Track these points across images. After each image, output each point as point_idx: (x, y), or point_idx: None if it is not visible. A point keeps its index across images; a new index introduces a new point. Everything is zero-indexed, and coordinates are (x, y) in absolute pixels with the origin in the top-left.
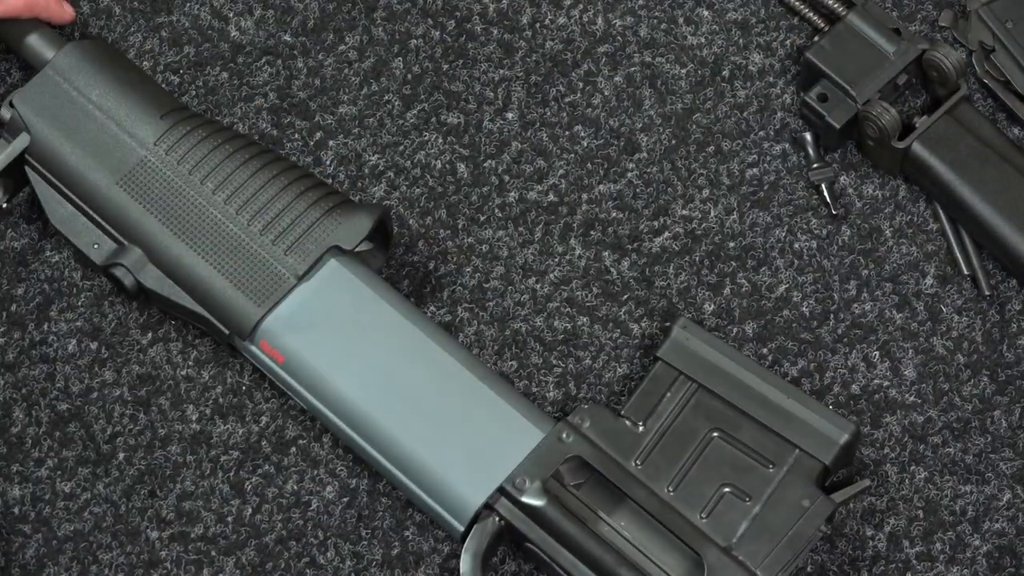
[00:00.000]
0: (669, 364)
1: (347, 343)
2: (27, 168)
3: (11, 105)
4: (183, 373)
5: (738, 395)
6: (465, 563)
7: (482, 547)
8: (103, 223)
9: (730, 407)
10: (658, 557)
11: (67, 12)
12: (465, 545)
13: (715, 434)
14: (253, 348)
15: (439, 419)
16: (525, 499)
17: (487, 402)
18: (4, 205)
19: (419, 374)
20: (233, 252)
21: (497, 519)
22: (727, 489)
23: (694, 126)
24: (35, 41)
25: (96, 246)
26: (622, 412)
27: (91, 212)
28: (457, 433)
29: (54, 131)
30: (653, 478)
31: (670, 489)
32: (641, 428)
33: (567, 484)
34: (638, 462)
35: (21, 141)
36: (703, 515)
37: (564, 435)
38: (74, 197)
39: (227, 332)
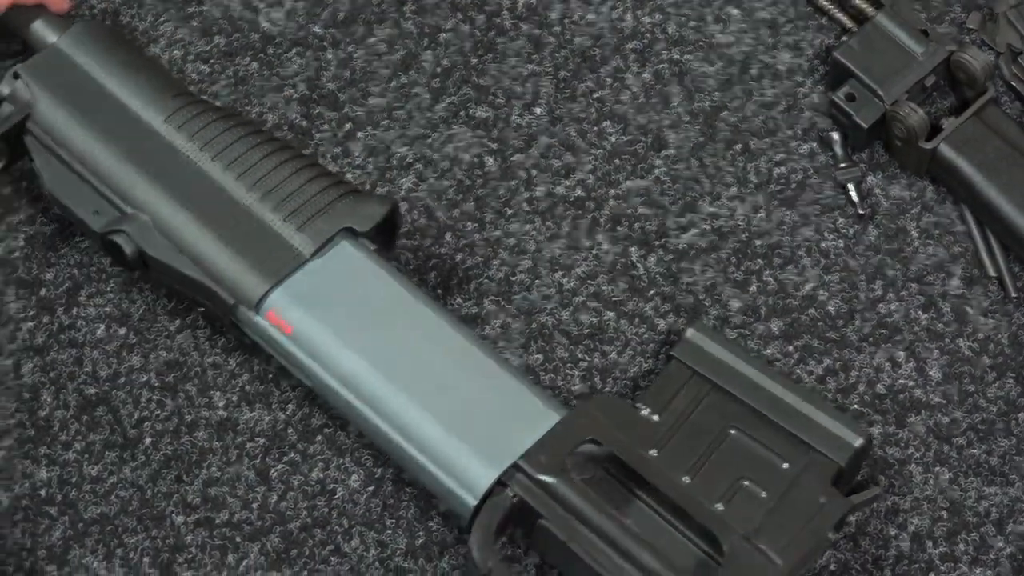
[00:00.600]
0: (683, 363)
1: (359, 318)
2: (27, 138)
3: (15, 76)
4: (210, 360)
5: (753, 396)
6: (476, 537)
7: (495, 522)
8: (106, 192)
9: (745, 407)
10: (669, 553)
11: (65, 0)
12: (478, 519)
13: (731, 431)
14: (258, 319)
15: (453, 395)
16: (540, 476)
17: (503, 384)
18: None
19: (433, 353)
20: (243, 225)
21: (511, 495)
22: (744, 482)
23: (722, 124)
24: (41, 26)
25: (97, 213)
26: (637, 403)
27: (94, 181)
28: (471, 410)
29: (60, 100)
30: (669, 467)
31: (687, 479)
32: (657, 419)
33: (574, 479)
34: (653, 452)
35: (24, 108)
36: (720, 505)
37: (580, 419)
38: (77, 167)
39: (232, 303)
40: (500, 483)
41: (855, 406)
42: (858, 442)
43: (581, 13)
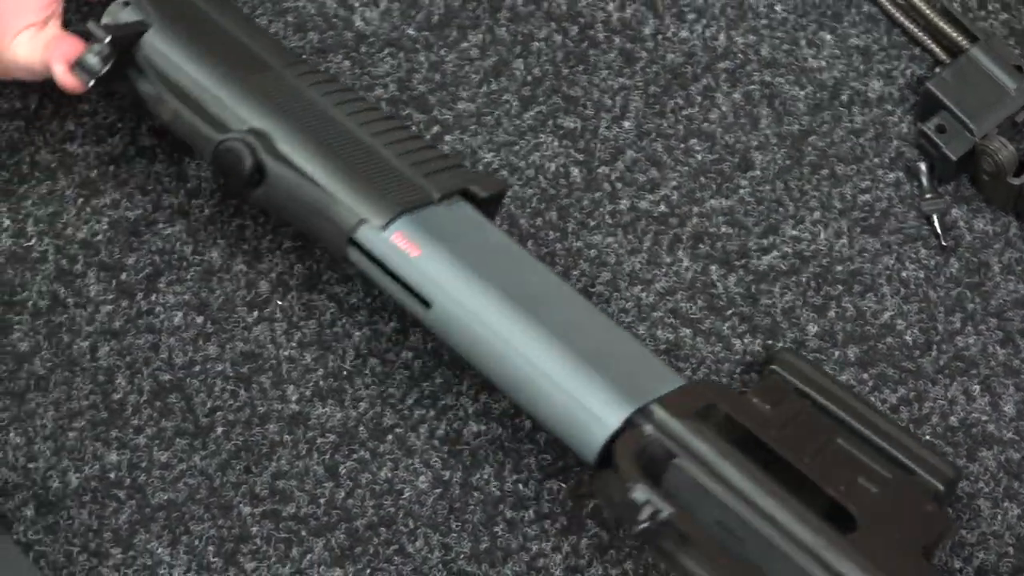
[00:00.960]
0: (784, 376)
1: (488, 255)
2: (139, 55)
3: (124, 3)
4: (286, 354)
5: (853, 417)
6: (621, 454)
7: (636, 449)
8: (228, 107)
9: (845, 426)
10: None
11: None
12: (619, 444)
13: (838, 439)
14: (384, 236)
15: (585, 336)
16: (675, 420)
17: (629, 344)
18: (96, 77)
19: (563, 302)
20: (372, 159)
21: (646, 433)
22: (857, 478)
23: (809, 148)
24: None
25: (214, 127)
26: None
27: (214, 99)
28: (605, 352)
29: (178, 25)
30: (788, 448)
31: (806, 460)
32: (768, 409)
33: (705, 429)
34: (772, 432)
35: (140, 24)
36: (839, 488)
37: (701, 387)
38: (196, 84)
39: (357, 219)
40: (631, 424)
41: (927, 437)
42: (953, 473)
43: (675, 30)
